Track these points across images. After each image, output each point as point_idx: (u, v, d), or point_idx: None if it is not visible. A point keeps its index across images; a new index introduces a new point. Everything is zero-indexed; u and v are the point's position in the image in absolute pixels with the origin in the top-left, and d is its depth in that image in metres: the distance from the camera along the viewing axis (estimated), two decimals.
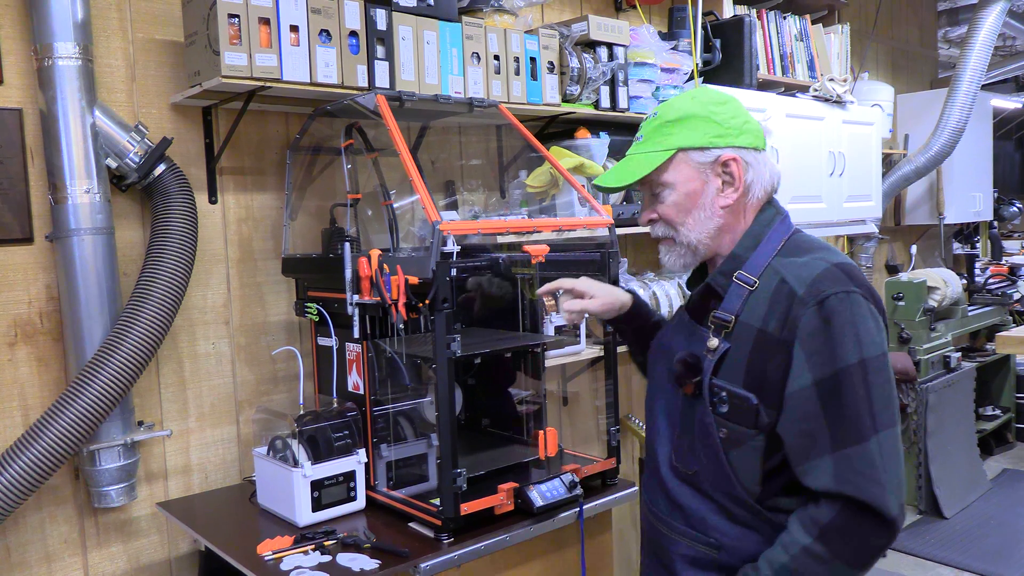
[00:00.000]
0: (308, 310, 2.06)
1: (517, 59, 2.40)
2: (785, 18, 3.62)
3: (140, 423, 2.08)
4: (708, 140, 1.33)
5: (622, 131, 2.86)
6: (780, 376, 1.22)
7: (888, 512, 1.15)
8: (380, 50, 2.10)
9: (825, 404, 1.18)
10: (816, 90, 3.59)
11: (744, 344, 1.27)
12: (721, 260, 1.37)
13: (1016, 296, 5.47)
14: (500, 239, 2.27)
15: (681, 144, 1.33)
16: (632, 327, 1.67)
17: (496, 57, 2.36)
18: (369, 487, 1.94)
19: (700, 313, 1.38)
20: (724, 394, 1.27)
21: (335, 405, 1.99)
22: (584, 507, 1.88)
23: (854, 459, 1.16)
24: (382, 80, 2.10)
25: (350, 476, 1.89)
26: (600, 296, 1.61)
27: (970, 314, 4.91)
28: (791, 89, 3.61)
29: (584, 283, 1.62)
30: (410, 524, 1.81)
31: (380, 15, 2.09)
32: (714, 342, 1.29)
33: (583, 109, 2.65)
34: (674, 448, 1.38)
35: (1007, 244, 6.77)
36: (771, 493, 1.27)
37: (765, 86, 3.53)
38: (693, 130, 1.33)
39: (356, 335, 1.92)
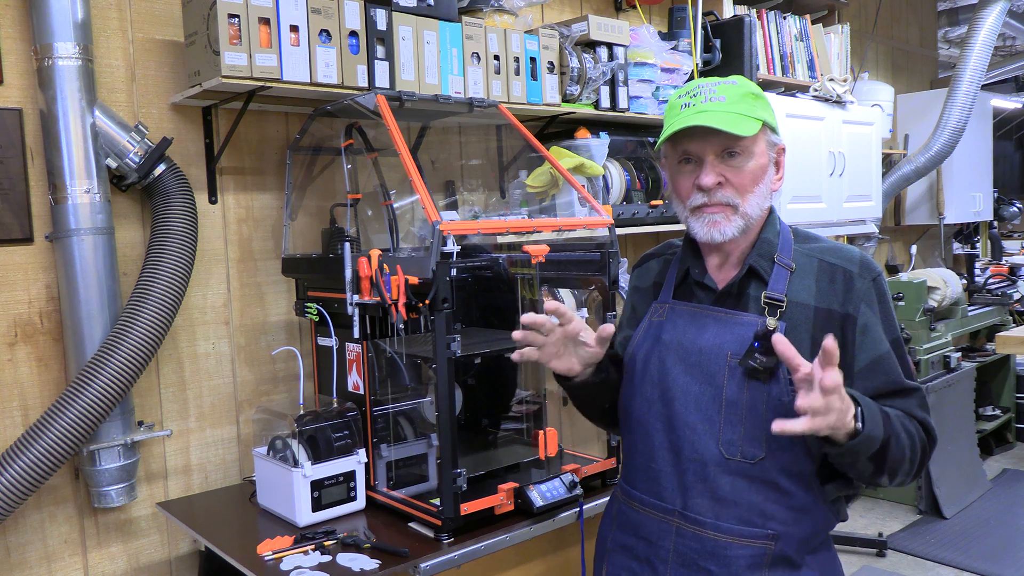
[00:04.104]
0: (308, 310, 2.06)
1: (517, 59, 2.40)
2: (785, 18, 3.62)
3: (140, 423, 2.08)
4: (776, 125, 1.39)
5: (622, 131, 2.86)
6: (848, 346, 1.32)
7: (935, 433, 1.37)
8: (380, 50, 2.10)
9: (898, 363, 1.34)
10: (816, 90, 3.59)
11: (802, 321, 1.33)
12: (740, 247, 1.39)
13: (1016, 296, 5.46)
14: (500, 239, 2.27)
15: (766, 119, 1.35)
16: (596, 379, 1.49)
17: (496, 57, 2.36)
18: (369, 487, 1.94)
19: (733, 298, 1.38)
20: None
21: (335, 405, 1.99)
22: (584, 507, 1.88)
23: (922, 402, 1.36)
24: (382, 80, 2.10)
25: (350, 476, 1.89)
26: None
27: (970, 314, 4.90)
28: (791, 89, 3.61)
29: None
30: (410, 524, 1.81)
31: (380, 15, 2.09)
32: (772, 322, 1.32)
33: (583, 109, 2.65)
34: (725, 441, 1.33)
35: (1007, 244, 6.77)
36: (820, 469, 1.36)
37: (765, 86, 3.52)
38: (769, 111, 1.37)
39: (356, 335, 1.92)
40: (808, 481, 1.34)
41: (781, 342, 1.15)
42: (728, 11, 3.35)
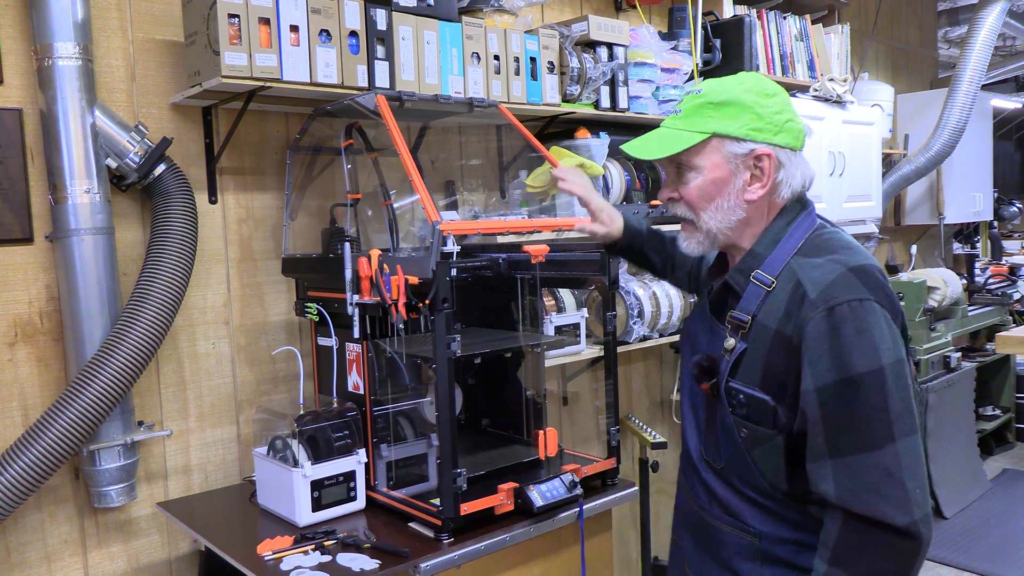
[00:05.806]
0: (308, 310, 2.06)
1: (517, 59, 2.40)
2: (785, 18, 3.62)
3: (140, 423, 2.08)
4: (746, 132, 1.29)
5: (622, 131, 2.86)
6: (795, 378, 1.21)
7: (896, 524, 1.11)
8: (380, 50, 2.10)
9: (825, 410, 1.17)
10: (816, 90, 3.59)
11: (761, 345, 1.26)
12: (740, 255, 1.35)
13: (1016, 296, 5.47)
14: (500, 239, 2.27)
15: (718, 130, 1.28)
16: (631, 255, 1.85)
17: (496, 57, 2.36)
18: (369, 487, 1.94)
19: (718, 309, 1.38)
20: (741, 396, 1.27)
21: (335, 405, 1.99)
22: (584, 507, 1.88)
23: (858, 469, 1.14)
24: (382, 80, 2.10)
25: (350, 476, 1.89)
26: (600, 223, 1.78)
27: (970, 314, 4.91)
28: (791, 89, 3.60)
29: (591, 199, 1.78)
30: (410, 524, 1.81)
31: (380, 15, 2.09)
32: (731, 342, 1.29)
33: (583, 109, 2.65)
34: (703, 442, 1.38)
35: (1007, 244, 6.77)
36: (801, 488, 1.25)
37: None
38: (734, 118, 1.29)
39: (356, 335, 1.92)
40: (768, 493, 1.29)
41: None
42: (728, 11, 3.35)
